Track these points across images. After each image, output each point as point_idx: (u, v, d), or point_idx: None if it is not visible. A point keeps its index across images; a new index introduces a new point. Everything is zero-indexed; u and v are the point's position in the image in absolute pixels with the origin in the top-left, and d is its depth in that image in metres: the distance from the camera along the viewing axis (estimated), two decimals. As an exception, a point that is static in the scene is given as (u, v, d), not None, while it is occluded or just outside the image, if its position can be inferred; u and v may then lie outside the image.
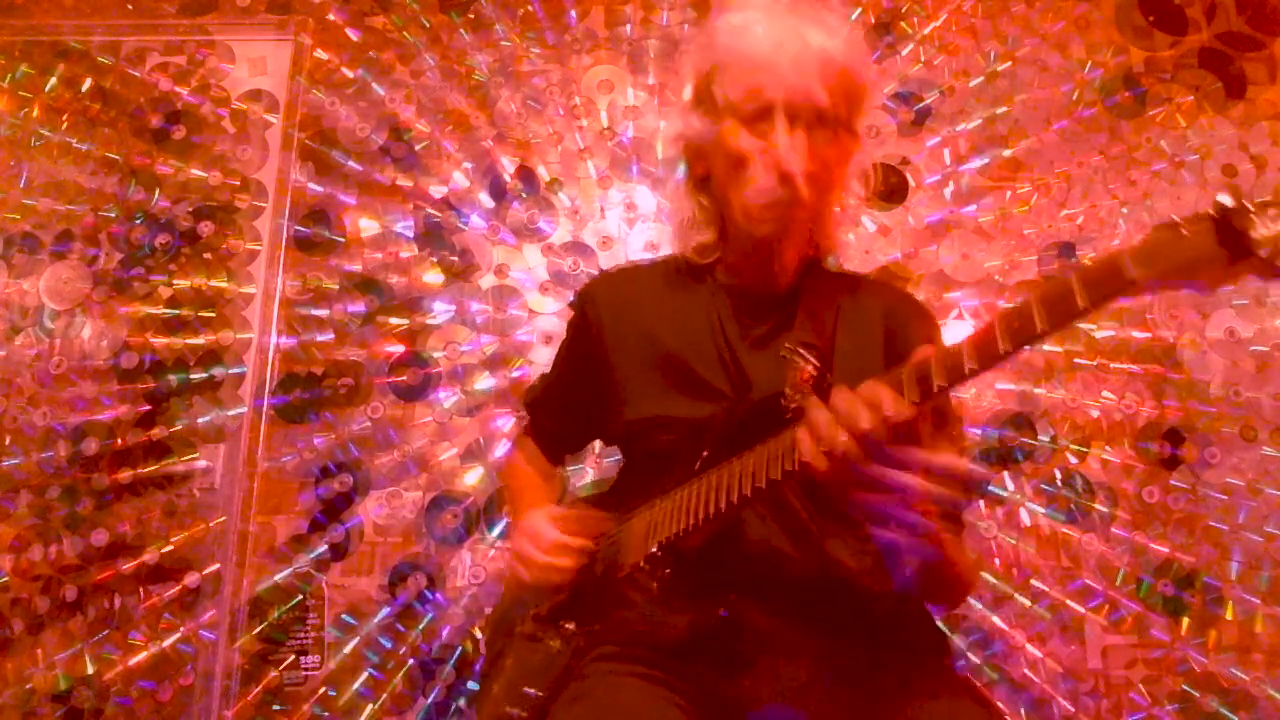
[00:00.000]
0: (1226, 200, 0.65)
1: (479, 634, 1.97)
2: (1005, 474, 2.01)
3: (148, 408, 2.13)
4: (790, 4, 1.06)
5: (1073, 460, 2.01)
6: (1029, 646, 1.91)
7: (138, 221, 2.25)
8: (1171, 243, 0.67)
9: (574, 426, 1.30)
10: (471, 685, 1.94)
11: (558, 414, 1.30)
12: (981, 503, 2.00)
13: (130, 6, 2.43)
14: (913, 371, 0.76)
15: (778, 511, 1.02)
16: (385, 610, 2.01)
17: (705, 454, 0.98)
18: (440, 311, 2.18)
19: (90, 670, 1.99)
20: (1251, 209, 0.64)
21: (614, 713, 0.88)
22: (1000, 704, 1.86)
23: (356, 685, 1.97)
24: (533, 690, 1.01)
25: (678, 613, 0.95)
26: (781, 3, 1.06)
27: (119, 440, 2.10)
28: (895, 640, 0.96)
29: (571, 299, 1.27)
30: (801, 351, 1.01)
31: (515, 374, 2.14)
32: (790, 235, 1.07)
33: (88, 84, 2.36)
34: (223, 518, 2.07)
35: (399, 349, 2.15)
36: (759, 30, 1.03)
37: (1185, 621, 1.92)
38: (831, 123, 1.02)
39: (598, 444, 1.94)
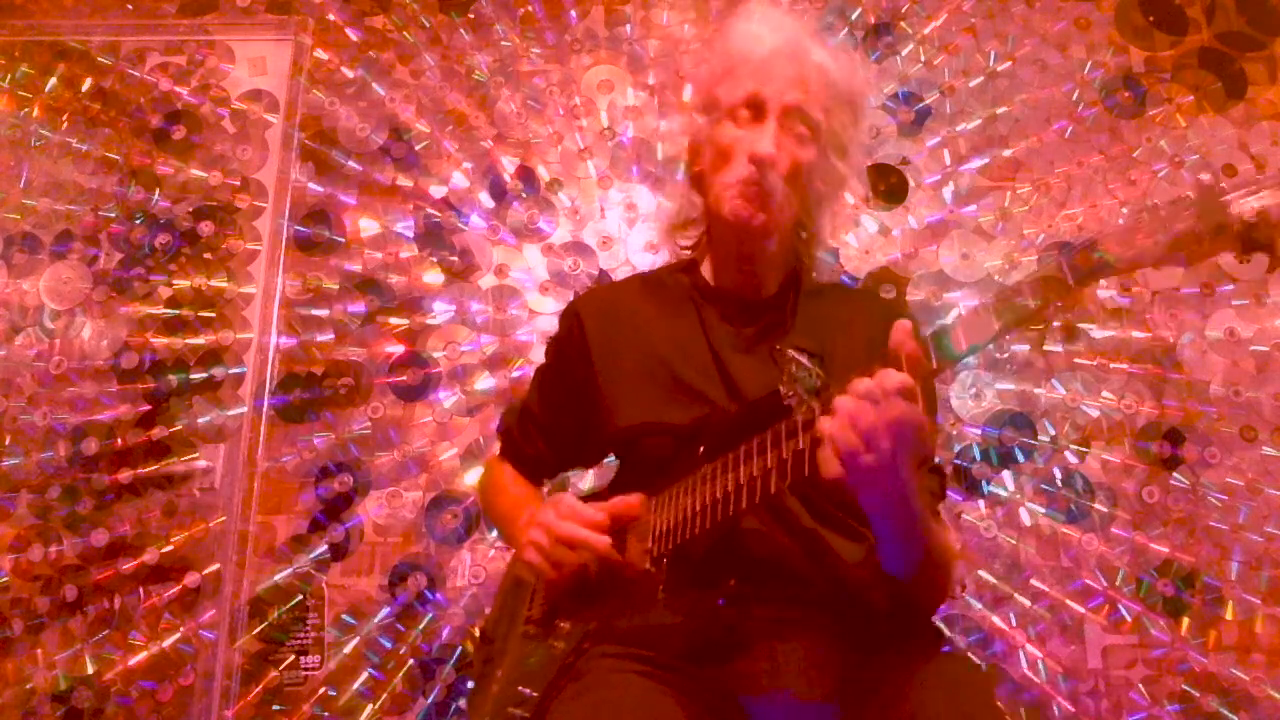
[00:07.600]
0: (1205, 177, 0.70)
1: (479, 633, 1.97)
2: (1005, 474, 2.01)
3: (148, 408, 2.13)
4: (802, 22, 1.13)
5: (1073, 460, 2.01)
6: (1029, 646, 1.91)
7: (138, 221, 2.25)
8: (1150, 221, 0.72)
9: (555, 450, 1.28)
10: (472, 685, 1.94)
11: (537, 438, 1.28)
12: (982, 503, 2.00)
13: (130, 6, 2.43)
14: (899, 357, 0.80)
15: (774, 507, 1.02)
16: (385, 610, 2.01)
17: (701, 455, 0.98)
18: (440, 311, 2.18)
19: (90, 670, 1.99)
20: (1228, 187, 0.68)
21: (614, 709, 0.88)
22: (1000, 704, 1.85)
23: (356, 685, 1.97)
24: (532, 690, 1.01)
25: (676, 614, 0.95)
26: (793, 19, 1.13)
27: (119, 440, 2.10)
28: (891, 630, 0.96)
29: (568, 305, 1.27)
30: (799, 357, 1.01)
31: (515, 374, 2.14)
32: (769, 236, 1.10)
33: (88, 84, 2.36)
34: (223, 518, 2.07)
35: (399, 349, 2.15)
36: (763, 37, 1.09)
37: (1185, 621, 1.92)
38: (820, 136, 1.08)
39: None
